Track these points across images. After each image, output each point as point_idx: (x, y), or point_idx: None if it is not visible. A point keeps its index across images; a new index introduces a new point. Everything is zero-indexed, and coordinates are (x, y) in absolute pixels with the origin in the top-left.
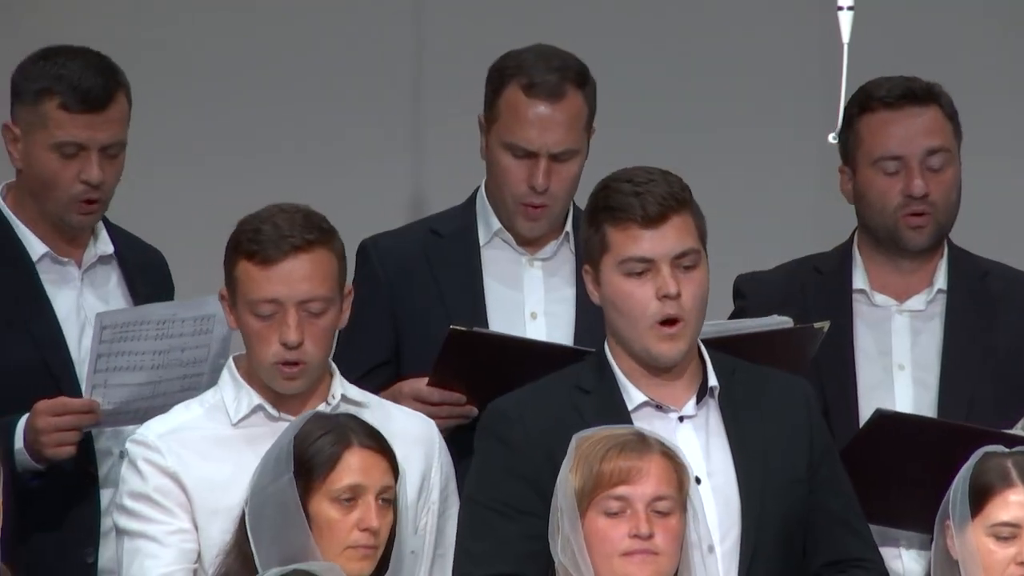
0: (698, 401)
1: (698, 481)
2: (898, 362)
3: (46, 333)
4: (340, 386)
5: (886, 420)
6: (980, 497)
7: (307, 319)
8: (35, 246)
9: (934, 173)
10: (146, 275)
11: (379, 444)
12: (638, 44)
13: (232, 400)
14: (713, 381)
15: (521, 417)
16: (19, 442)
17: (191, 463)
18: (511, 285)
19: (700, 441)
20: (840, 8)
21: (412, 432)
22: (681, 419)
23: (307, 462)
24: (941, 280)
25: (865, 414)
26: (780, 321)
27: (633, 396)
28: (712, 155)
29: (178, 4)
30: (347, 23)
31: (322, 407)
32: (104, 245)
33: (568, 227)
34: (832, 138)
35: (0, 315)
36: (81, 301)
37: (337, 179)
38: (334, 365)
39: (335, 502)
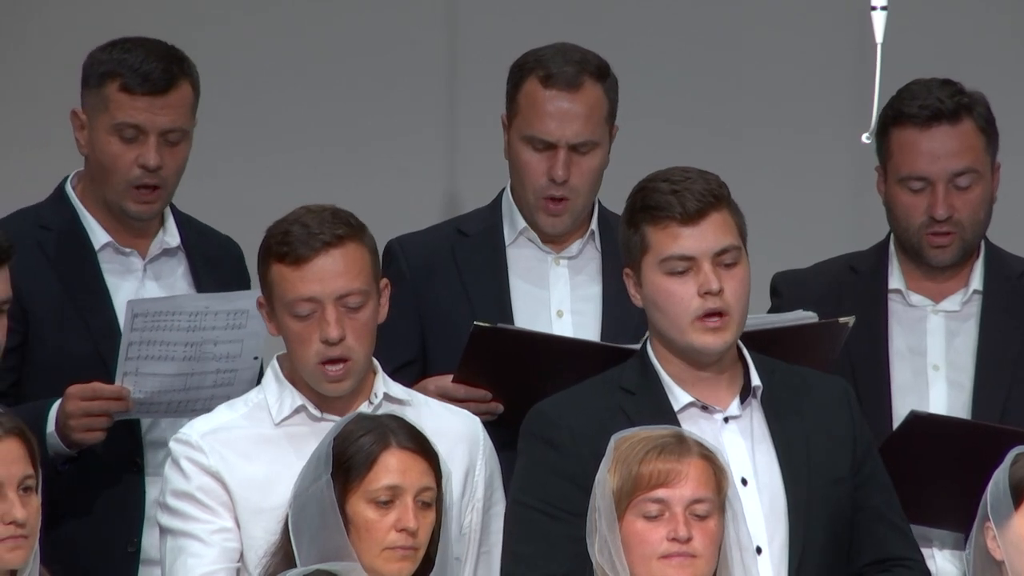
0: (741, 402)
1: (744, 482)
2: (932, 362)
3: (102, 323)
4: (383, 384)
5: (920, 421)
6: (1020, 490)
7: (346, 314)
8: (98, 235)
9: (961, 191)
10: (216, 267)
11: (419, 445)
12: (671, 46)
13: (275, 400)
14: (756, 381)
15: (566, 418)
16: (51, 425)
17: (233, 462)
18: (537, 284)
19: (745, 442)
20: (874, 8)
21: (455, 429)
22: (726, 420)
23: (346, 463)
24: (977, 281)
25: (899, 414)
26: (805, 316)
27: (679, 397)
28: (746, 155)
29: (217, 7)
30: (382, 27)
31: (364, 406)
32: (171, 237)
33: (593, 225)
34: (865, 138)
35: (59, 303)
36: (142, 292)
37: (372, 181)
38: (377, 363)
39: (372, 503)
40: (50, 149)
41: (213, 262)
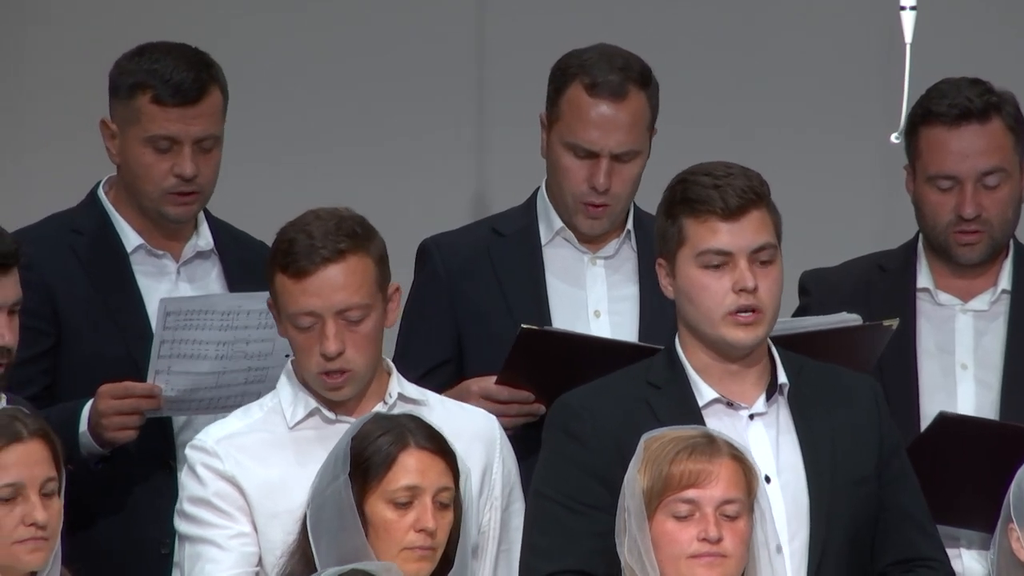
0: (768, 398)
1: (768, 480)
2: (961, 361)
3: (134, 325)
4: (397, 384)
5: (949, 423)
6: None
7: (346, 327)
8: (131, 238)
9: (989, 191)
10: (249, 270)
11: (438, 445)
12: (700, 45)
13: (289, 404)
14: (783, 378)
15: (590, 411)
16: (84, 425)
17: (249, 467)
18: (574, 283)
19: (770, 439)
20: (903, 8)
21: (472, 428)
22: (752, 416)
23: (364, 463)
24: (1006, 280)
25: (926, 412)
26: (848, 319)
27: (704, 392)
28: (775, 155)
29: (243, 6)
30: (411, 24)
31: (379, 406)
32: (204, 240)
33: (629, 225)
34: (895, 138)
35: (91, 306)
36: (175, 294)
37: (401, 181)
38: (391, 363)
39: (391, 503)
40: (79, 153)
41: (246, 265)
